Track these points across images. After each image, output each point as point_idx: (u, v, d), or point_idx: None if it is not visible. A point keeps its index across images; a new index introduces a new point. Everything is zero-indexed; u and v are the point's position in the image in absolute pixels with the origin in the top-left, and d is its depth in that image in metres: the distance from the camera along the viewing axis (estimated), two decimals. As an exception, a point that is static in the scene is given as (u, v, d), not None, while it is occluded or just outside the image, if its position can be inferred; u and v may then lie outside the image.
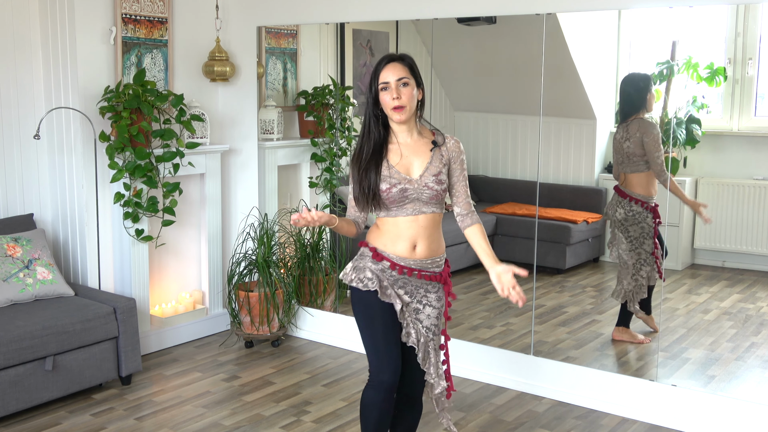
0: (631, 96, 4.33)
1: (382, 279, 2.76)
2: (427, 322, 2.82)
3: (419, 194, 2.72)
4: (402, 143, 2.77)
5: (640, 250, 4.35)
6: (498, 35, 4.87)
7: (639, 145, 4.25)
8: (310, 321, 4.99)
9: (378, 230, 2.80)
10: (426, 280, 2.79)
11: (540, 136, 4.40)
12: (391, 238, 2.75)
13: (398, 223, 2.74)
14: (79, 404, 3.97)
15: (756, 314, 4.56)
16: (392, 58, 2.74)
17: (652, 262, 4.33)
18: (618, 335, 4.44)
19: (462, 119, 5.41)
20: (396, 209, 2.73)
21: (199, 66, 4.94)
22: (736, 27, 4.53)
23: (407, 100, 2.69)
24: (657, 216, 4.32)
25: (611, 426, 3.75)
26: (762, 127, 4.55)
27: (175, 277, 4.99)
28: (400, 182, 2.70)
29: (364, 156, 2.74)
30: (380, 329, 2.77)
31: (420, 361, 2.82)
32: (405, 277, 2.77)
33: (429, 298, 2.82)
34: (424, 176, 2.73)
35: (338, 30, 5.36)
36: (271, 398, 4.08)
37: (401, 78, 2.69)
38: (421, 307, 2.81)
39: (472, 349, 4.37)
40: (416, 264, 2.76)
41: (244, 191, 5.14)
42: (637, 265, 4.35)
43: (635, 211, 4.33)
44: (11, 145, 4.42)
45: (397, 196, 2.70)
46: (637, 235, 4.34)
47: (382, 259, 2.76)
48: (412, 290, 2.80)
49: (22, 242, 4.19)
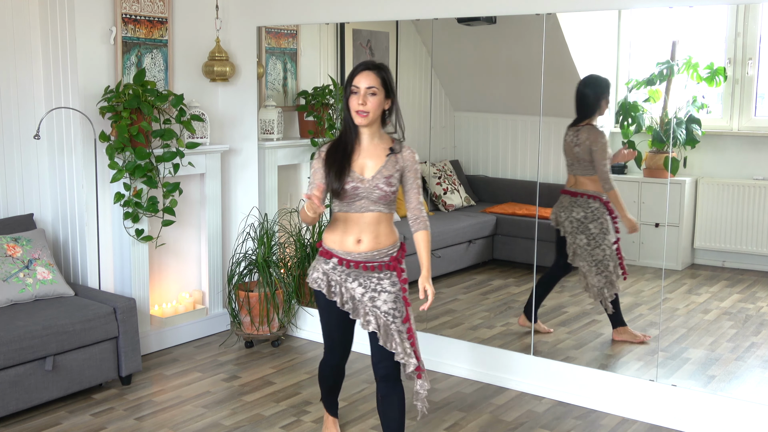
0: (588, 98, 4.35)
1: (332, 277, 3.05)
2: (384, 307, 3.04)
3: (369, 193, 2.98)
4: (363, 145, 3.03)
5: (603, 245, 4.39)
6: (498, 35, 4.87)
7: (587, 152, 4.30)
8: (310, 321, 5.00)
9: (332, 226, 3.09)
10: (373, 270, 3.04)
11: (540, 136, 4.40)
12: (340, 233, 3.04)
13: (348, 218, 3.02)
14: (79, 404, 3.98)
15: (756, 314, 4.56)
16: (368, 67, 2.98)
17: (616, 257, 4.38)
18: (618, 336, 4.44)
19: (462, 119, 5.41)
20: (348, 204, 3.00)
21: (199, 66, 4.94)
22: (736, 27, 4.53)
23: (371, 108, 2.95)
24: (611, 212, 4.38)
25: (611, 426, 3.75)
26: (762, 127, 4.55)
27: (175, 277, 4.99)
28: (354, 180, 2.97)
29: (343, 148, 3.00)
30: (333, 322, 3.14)
31: (383, 344, 3.04)
32: (354, 270, 3.03)
33: (383, 285, 3.05)
34: (376, 177, 2.99)
35: (338, 30, 5.36)
36: (271, 398, 4.08)
37: (371, 87, 2.94)
38: (376, 295, 3.04)
39: (472, 349, 4.37)
40: (362, 257, 3.02)
41: (244, 191, 5.14)
42: (604, 261, 4.39)
43: (593, 207, 4.37)
44: (11, 145, 4.42)
45: (350, 192, 2.97)
46: (598, 231, 4.38)
47: (331, 256, 3.05)
48: (365, 281, 3.04)
49: (22, 242, 4.19)
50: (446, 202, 5.38)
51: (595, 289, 4.41)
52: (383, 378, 3.12)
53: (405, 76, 5.65)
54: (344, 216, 3.03)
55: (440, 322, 4.82)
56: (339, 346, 3.22)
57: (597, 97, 4.34)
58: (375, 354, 3.11)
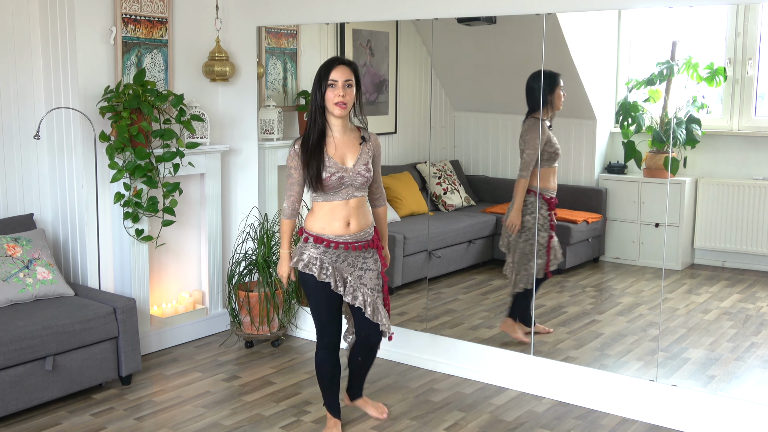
0: (534, 92, 4.37)
1: (324, 260, 3.32)
2: (370, 284, 3.39)
3: (353, 181, 3.28)
4: (336, 137, 3.31)
5: (533, 241, 4.42)
6: (498, 35, 4.87)
7: (524, 143, 4.39)
8: (310, 321, 4.99)
9: (314, 216, 3.34)
10: (361, 249, 3.37)
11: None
12: (328, 219, 3.30)
13: (333, 206, 3.29)
14: (79, 404, 3.98)
15: (756, 314, 4.56)
16: (342, 62, 3.25)
17: (544, 254, 4.41)
18: (504, 326, 4.55)
19: (462, 119, 5.40)
20: (332, 194, 3.27)
21: (199, 66, 4.94)
22: (736, 27, 4.53)
23: (349, 100, 3.24)
24: (552, 208, 4.41)
25: (611, 426, 3.75)
26: (762, 127, 4.55)
27: (175, 277, 4.99)
28: (338, 171, 3.25)
29: (311, 143, 3.25)
30: (323, 302, 3.38)
31: (370, 317, 3.39)
32: (344, 251, 3.33)
33: (367, 263, 3.39)
34: (357, 165, 3.30)
35: (338, 30, 5.36)
36: (271, 398, 4.08)
37: (348, 80, 3.22)
38: (363, 273, 3.38)
39: (472, 349, 4.37)
40: (351, 237, 3.33)
41: (244, 191, 5.14)
42: (529, 255, 4.43)
43: (528, 201, 4.42)
44: (11, 145, 4.42)
45: (335, 183, 3.24)
46: (531, 225, 4.42)
47: (321, 241, 3.31)
48: (353, 261, 3.37)
49: (22, 242, 4.19)
50: (446, 202, 5.38)
51: (512, 277, 4.51)
52: (371, 346, 3.53)
53: (405, 76, 5.65)
54: (329, 205, 3.29)
55: (440, 322, 4.82)
56: (333, 324, 3.45)
57: (542, 91, 4.36)
58: (360, 326, 3.47)
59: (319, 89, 3.25)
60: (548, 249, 4.42)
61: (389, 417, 3.83)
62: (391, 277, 5.20)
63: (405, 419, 3.81)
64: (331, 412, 3.65)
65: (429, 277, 5.10)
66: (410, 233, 5.26)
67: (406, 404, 3.98)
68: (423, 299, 5.08)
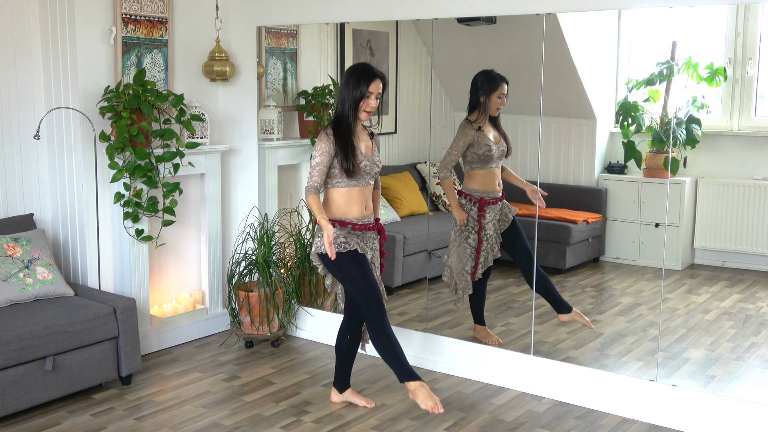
0: (471, 93, 4.45)
1: (352, 239, 3.63)
2: (376, 262, 3.81)
3: (371, 169, 3.68)
4: (357, 133, 3.69)
5: (465, 244, 4.48)
6: (498, 35, 4.87)
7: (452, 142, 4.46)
8: (310, 321, 5.00)
9: (332, 202, 3.67)
10: (372, 231, 3.74)
11: (540, 136, 4.40)
12: (347, 205, 3.65)
13: (352, 192, 3.65)
14: (79, 404, 3.98)
15: (756, 314, 4.57)
16: (379, 76, 3.61)
17: (473, 259, 4.47)
18: (475, 333, 4.57)
19: (462, 119, 5.40)
20: (357, 180, 3.63)
21: (199, 66, 4.94)
22: (736, 27, 4.53)
23: (375, 108, 3.67)
24: (481, 211, 4.42)
25: (611, 426, 3.75)
26: (762, 127, 4.56)
27: (175, 277, 4.99)
28: (365, 159, 3.65)
29: (345, 131, 3.60)
30: (366, 270, 3.64)
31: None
32: (360, 233, 3.68)
33: (375, 244, 3.79)
34: (374, 156, 3.73)
35: (338, 30, 5.36)
36: (271, 398, 4.08)
37: (379, 93, 3.63)
38: (373, 252, 3.77)
39: (472, 349, 4.37)
40: (368, 220, 3.72)
41: (244, 191, 5.14)
42: (464, 258, 4.49)
43: (462, 203, 4.49)
44: (11, 145, 4.42)
45: (364, 170, 3.63)
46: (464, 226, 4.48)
47: (345, 225, 3.65)
48: (366, 242, 3.72)
49: (22, 242, 4.19)
50: (446, 202, 5.38)
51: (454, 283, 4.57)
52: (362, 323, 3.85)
53: (405, 76, 5.65)
54: (348, 191, 3.64)
55: (440, 322, 4.82)
56: (374, 284, 3.66)
57: (477, 92, 4.43)
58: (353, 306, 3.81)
59: (357, 89, 3.57)
60: (477, 254, 4.45)
61: (389, 417, 3.83)
62: (391, 277, 5.20)
63: (405, 419, 3.81)
64: (343, 382, 3.95)
65: (429, 277, 5.11)
66: (410, 233, 5.26)
67: (406, 404, 3.98)
68: (423, 299, 5.08)
